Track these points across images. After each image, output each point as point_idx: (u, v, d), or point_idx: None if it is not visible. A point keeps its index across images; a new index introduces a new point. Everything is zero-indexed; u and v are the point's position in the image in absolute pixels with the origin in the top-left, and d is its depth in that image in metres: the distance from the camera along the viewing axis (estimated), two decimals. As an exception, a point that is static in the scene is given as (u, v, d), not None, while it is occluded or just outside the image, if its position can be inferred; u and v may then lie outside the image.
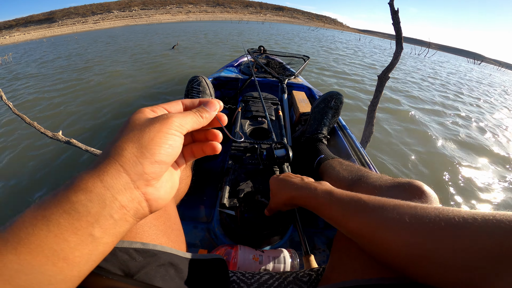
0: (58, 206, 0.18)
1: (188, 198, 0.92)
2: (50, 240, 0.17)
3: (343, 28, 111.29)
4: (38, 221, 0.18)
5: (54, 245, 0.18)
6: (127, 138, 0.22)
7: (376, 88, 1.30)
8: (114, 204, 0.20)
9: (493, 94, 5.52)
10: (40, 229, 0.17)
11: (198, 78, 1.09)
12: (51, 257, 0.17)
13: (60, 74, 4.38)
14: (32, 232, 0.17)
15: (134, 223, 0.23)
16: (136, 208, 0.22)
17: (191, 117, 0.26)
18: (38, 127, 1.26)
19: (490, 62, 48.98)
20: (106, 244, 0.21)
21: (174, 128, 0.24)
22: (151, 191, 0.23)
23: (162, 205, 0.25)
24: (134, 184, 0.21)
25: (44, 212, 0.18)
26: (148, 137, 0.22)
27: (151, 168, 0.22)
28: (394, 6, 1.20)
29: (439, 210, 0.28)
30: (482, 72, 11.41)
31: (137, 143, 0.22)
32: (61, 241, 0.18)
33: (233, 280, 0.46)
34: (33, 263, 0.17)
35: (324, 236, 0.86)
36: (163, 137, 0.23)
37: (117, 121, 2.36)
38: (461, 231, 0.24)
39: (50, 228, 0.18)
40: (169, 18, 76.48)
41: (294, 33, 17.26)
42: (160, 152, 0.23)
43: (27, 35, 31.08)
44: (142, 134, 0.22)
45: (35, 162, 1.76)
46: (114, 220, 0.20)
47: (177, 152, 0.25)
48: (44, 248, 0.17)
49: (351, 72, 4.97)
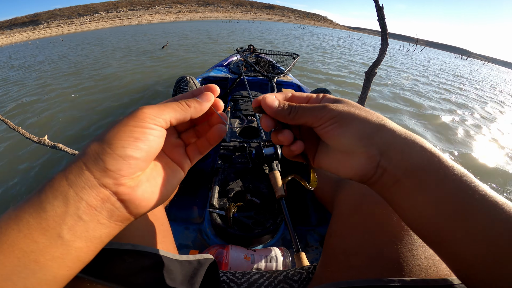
0: (29, 205, 0.18)
1: (179, 199, 0.91)
2: (20, 240, 0.17)
3: (333, 26, 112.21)
4: (11, 220, 0.18)
5: (24, 245, 0.17)
6: (94, 137, 0.22)
7: (363, 84, 1.31)
8: (80, 204, 0.19)
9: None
10: (12, 229, 0.17)
11: (186, 78, 1.08)
12: (22, 258, 0.17)
13: (46, 78, 4.27)
14: (4, 232, 0.17)
15: (116, 227, 0.22)
16: (109, 209, 0.21)
17: (172, 107, 0.24)
18: (23, 132, 1.22)
19: (476, 57, 50.24)
20: (79, 249, 0.19)
21: (146, 120, 0.22)
22: (124, 191, 0.21)
23: (145, 207, 0.23)
24: (98, 182, 0.20)
25: (16, 211, 0.18)
26: (112, 132, 0.21)
27: (114, 164, 0.20)
28: (379, 2, 1.21)
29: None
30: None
31: (100, 140, 0.21)
32: (31, 242, 0.17)
33: (223, 280, 0.46)
34: (5, 263, 0.17)
35: (317, 234, 0.86)
36: (128, 130, 0.21)
37: (106, 121, 2.32)
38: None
39: (20, 227, 0.17)
40: (158, 18, 75.56)
41: (285, 32, 17.31)
42: (123, 146, 0.21)
43: (12, 38, 30.21)
44: (108, 129, 0.22)
45: (20, 169, 1.71)
46: (84, 222, 0.19)
47: (152, 146, 0.23)
48: (15, 249, 0.17)
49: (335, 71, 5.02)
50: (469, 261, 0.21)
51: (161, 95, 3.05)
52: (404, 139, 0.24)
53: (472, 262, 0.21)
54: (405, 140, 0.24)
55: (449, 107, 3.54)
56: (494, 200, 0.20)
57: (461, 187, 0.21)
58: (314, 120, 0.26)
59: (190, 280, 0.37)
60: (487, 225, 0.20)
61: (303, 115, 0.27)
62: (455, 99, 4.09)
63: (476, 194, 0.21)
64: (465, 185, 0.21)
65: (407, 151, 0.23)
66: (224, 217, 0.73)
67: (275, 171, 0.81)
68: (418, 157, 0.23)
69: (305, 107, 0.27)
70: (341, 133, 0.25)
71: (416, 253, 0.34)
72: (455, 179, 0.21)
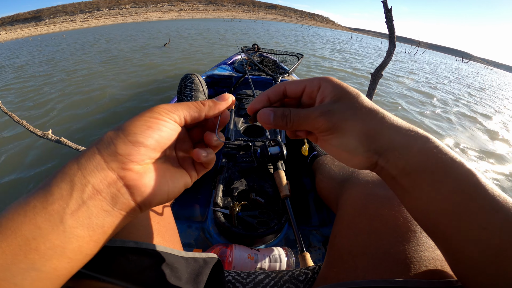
0: (38, 190, 0.18)
1: (182, 197, 0.91)
2: (24, 226, 0.17)
3: (335, 27, 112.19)
4: (19, 205, 0.17)
5: (27, 232, 0.17)
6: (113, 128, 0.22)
7: (369, 86, 1.31)
8: (86, 187, 0.19)
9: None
10: (18, 214, 0.17)
11: (191, 75, 1.08)
12: (23, 246, 0.17)
13: (50, 73, 4.27)
14: (11, 217, 0.17)
15: (119, 217, 0.21)
16: (114, 194, 0.20)
17: (187, 105, 0.25)
18: (27, 125, 1.22)
19: (477, 60, 50.26)
20: (81, 237, 0.19)
21: (160, 113, 0.23)
22: (130, 176, 0.21)
23: (150, 198, 0.23)
24: (107, 165, 0.20)
25: (26, 197, 0.18)
26: (128, 121, 0.22)
27: (124, 148, 0.21)
28: (388, 5, 1.21)
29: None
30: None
31: (116, 128, 0.22)
32: (34, 227, 0.17)
33: (228, 280, 0.46)
34: (6, 251, 0.16)
35: (320, 234, 0.86)
36: (143, 120, 0.22)
37: (112, 120, 2.32)
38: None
39: (26, 212, 0.17)
40: (160, 16, 75.51)
41: (287, 32, 17.29)
42: (134, 133, 0.21)
43: (13, 34, 30.22)
44: (125, 122, 0.22)
45: (23, 163, 1.71)
46: (87, 207, 0.19)
47: (162, 136, 0.23)
48: (18, 235, 0.16)
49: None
50: (467, 260, 0.21)
51: (164, 92, 3.05)
52: (403, 138, 0.24)
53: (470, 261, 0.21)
54: (404, 140, 0.24)
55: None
56: (497, 201, 0.20)
57: (460, 187, 0.21)
58: (311, 129, 0.27)
59: (196, 279, 0.36)
60: (485, 226, 0.20)
61: (299, 124, 0.27)
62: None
63: (477, 195, 0.21)
64: (466, 185, 0.21)
65: (404, 152, 0.23)
66: (228, 216, 0.72)
67: (280, 171, 0.80)
68: (414, 158, 0.23)
69: (300, 115, 0.27)
70: (338, 144, 0.26)
71: (423, 254, 0.34)
72: (455, 179, 0.21)
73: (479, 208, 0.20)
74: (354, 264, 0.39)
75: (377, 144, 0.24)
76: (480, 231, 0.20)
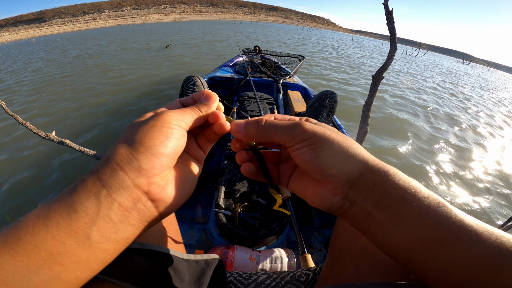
0: (59, 205, 0.18)
1: (184, 199, 0.92)
2: (48, 242, 0.17)
3: (336, 29, 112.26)
4: (39, 220, 0.17)
5: (51, 247, 0.17)
6: (122, 137, 0.22)
7: (370, 88, 1.31)
8: (113, 205, 0.19)
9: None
10: (39, 229, 0.17)
11: (193, 78, 1.08)
12: (47, 260, 0.17)
13: (54, 75, 4.30)
14: (31, 232, 0.17)
15: (144, 228, 0.22)
16: (140, 210, 0.21)
17: (189, 112, 0.26)
18: (31, 127, 1.23)
19: (478, 62, 50.11)
20: (106, 251, 0.19)
21: (171, 122, 0.24)
22: (155, 190, 0.22)
23: (173, 206, 0.24)
24: (132, 182, 0.20)
25: (45, 211, 0.18)
26: (142, 132, 0.22)
27: (148, 162, 0.21)
28: (389, 7, 1.21)
29: None
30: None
31: (131, 140, 0.22)
32: (59, 243, 0.17)
33: (230, 281, 0.46)
34: (29, 265, 0.16)
35: (321, 236, 0.86)
36: (157, 130, 0.22)
37: (115, 123, 2.33)
38: None
39: (49, 228, 0.17)
40: (162, 18, 75.87)
41: (289, 34, 17.31)
42: (155, 145, 0.22)
43: (16, 35, 30.42)
44: (135, 130, 0.22)
45: (26, 164, 1.72)
46: (114, 223, 0.19)
47: (177, 145, 0.24)
48: (41, 250, 0.17)
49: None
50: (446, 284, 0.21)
51: (166, 94, 3.07)
52: (377, 171, 0.23)
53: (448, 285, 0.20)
54: (378, 172, 0.22)
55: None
56: (472, 230, 0.20)
57: (436, 219, 0.20)
58: (286, 140, 0.25)
59: (198, 281, 0.36)
60: (464, 256, 0.19)
61: (274, 132, 0.26)
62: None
63: (453, 225, 0.20)
64: (441, 216, 0.20)
65: (378, 183, 0.22)
66: (230, 217, 0.73)
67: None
68: (391, 190, 0.22)
69: (276, 123, 0.26)
70: (312, 159, 0.24)
71: None
72: (430, 211, 0.21)
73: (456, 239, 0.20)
74: (355, 265, 0.39)
75: (349, 170, 0.23)
76: (462, 260, 0.19)
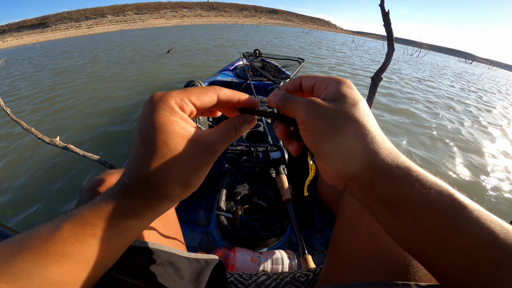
0: (111, 228, 0.21)
1: (186, 202, 0.93)
2: (98, 254, 0.21)
3: (336, 30, 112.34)
4: (87, 238, 0.20)
5: (100, 257, 0.21)
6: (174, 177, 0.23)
7: (369, 89, 1.32)
8: (155, 218, 0.25)
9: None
10: (89, 245, 0.20)
11: (194, 82, 1.10)
12: (94, 266, 0.21)
13: (56, 77, 4.35)
14: (79, 248, 0.20)
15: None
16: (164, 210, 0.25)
17: (230, 138, 0.26)
18: (36, 132, 1.25)
19: (481, 61, 49.81)
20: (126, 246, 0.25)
21: (215, 159, 0.25)
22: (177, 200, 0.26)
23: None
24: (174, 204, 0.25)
25: (93, 231, 0.20)
26: (196, 178, 0.24)
27: (189, 193, 0.25)
28: (385, 8, 1.22)
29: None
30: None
31: (186, 184, 0.24)
32: (107, 254, 0.22)
33: (230, 281, 0.47)
34: (76, 272, 0.20)
35: (322, 237, 0.87)
36: (204, 170, 0.25)
37: (115, 126, 2.35)
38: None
39: (100, 244, 0.21)
40: (163, 22, 76.46)
41: (290, 36, 17.31)
42: (198, 184, 0.25)
43: (20, 40, 30.79)
44: (190, 176, 0.24)
45: (30, 169, 1.74)
46: (144, 226, 0.24)
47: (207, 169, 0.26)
48: (91, 261, 0.20)
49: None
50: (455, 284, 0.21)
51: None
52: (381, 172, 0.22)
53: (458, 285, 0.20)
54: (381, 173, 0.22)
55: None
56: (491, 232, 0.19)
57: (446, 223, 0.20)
58: (296, 117, 0.25)
59: (197, 278, 0.37)
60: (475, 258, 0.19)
61: (289, 107, 0.26)
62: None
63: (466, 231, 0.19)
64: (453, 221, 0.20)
65: (378, 185, 0.22)
66: (231, 219, 0.74)
67: (282, 175, 0.82)
68: (393, 191, 0.21)
69: (293, 100, 0.26)
70: (310, 143, 0.24)
71: None
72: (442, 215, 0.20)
73: (469, 243, 0.19)
74: (354, 265, 0.40)
75: (344, 167, 0.22)
76: (470, 262, 0.19)
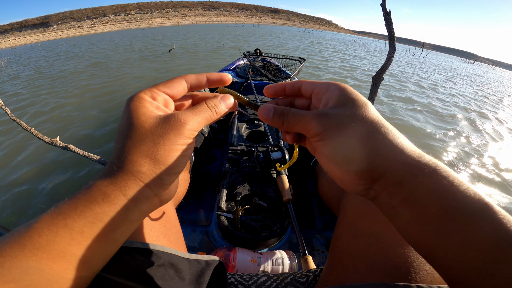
0: (81, 216, 0.20)
1: (186, 202, 0.93)
2: (73, 247, 0.19)
3: (338, 30, 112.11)
4: (59, 229, 0.19)
5: (77, 251, 0.19)
6: (140, 151, 0.22)
7: (370, 89, 1.32)
8: (135, 212, 0.23)
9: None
10: (62, 237, 0.19)
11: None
12: (73, 262, 0.19)
13: (59, 78, 4.36)
14: (53, 240, 0.18)
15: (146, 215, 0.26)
16: (152, 209, 0.25)
17: (204, 116, 0.26)
18: (36, 132, 1.25)
19: (483, 61, 49.57)
20: (121, 243, 0.24)
21: (188, 135, 0.24)
22: (166, 194, 0.26)
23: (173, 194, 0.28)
24: (154, 193, 0.24)
25: (65, 221, 0.19)
26: (164, 151, 0.23)
27: (169, 178, 0.24)
28: (386, 8, 1.22)
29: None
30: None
31: (154, 159, 0.23)
32: (84, 247, 0.20)
33: (231, 282, 0.47)
34: (54, 267, 0.18)
35: (323, 238, 0.87)
36: (179, 149, 0.24)
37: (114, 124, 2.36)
38: None
39: (73, 236, 0.19)
40: (165, 22, 76.47)
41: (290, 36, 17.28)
42: (177, 165, 0.24)
43: (22, 39, 30.93)
44: (157, 148, 0.23)
45: (31, 168, 1.75)
46: (132, 223, 0.23)
47: (190, 154, 0.26)
48: (67, 255, 0.19)
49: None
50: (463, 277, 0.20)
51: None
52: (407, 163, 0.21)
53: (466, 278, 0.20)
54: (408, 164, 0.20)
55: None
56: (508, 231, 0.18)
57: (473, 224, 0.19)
58: (303, 131, 0.25)
59: (198, 280, 0.37)
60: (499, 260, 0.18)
61: (294, 123, 0.25)
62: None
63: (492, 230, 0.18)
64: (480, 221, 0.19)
65: (407, 179, 0.20)
66: (232, 220, 0.74)
67: (283, 175, 0.82)
68: (420, 189, 0.20)
69: (295, 115, 0.25)
70: (327, 153, 0.23)
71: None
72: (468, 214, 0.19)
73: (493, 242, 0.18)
74: (354, 266, 0.39)
75: (374, 164, 0.21)
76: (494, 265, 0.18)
